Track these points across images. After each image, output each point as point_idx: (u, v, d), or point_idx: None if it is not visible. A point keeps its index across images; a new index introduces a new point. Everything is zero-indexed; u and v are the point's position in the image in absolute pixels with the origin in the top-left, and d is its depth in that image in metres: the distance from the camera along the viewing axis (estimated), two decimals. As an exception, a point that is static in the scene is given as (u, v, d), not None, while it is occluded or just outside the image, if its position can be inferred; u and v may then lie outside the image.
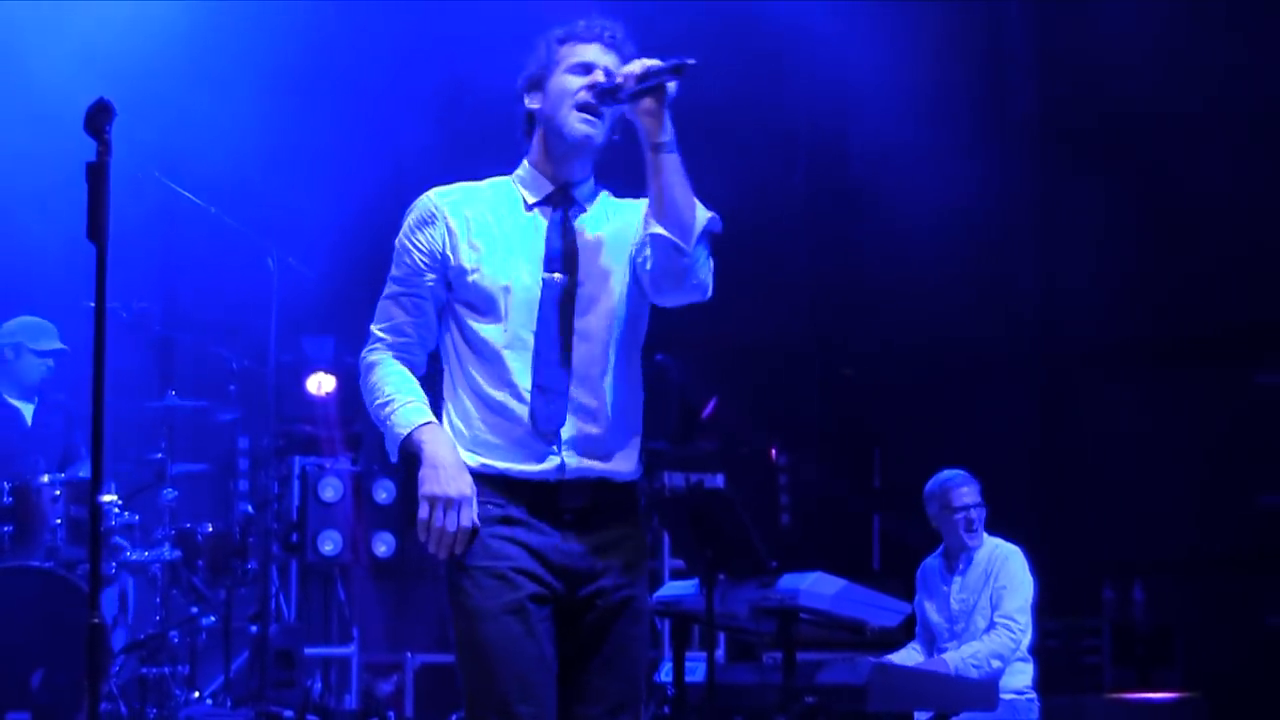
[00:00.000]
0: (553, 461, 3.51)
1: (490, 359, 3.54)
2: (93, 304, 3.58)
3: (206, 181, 7.95)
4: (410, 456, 3.52)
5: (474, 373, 3.55)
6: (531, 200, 3.64)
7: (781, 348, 10.28)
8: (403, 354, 3.63)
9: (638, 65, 3.50)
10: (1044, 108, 10.16)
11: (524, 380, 3.51)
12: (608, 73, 3.57)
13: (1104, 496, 9.53)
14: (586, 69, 3.59)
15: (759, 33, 9.66)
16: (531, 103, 3.67)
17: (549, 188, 3.64)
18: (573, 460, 3.52)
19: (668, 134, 3.49)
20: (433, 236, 3.60)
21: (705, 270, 3.54)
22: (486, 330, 3.54)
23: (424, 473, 3.45)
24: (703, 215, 3.52)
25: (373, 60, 9.35)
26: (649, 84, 3.47)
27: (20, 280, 7.94)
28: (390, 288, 3.65)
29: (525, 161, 3.71)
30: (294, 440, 8.70)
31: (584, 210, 3.66)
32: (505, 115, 3.76)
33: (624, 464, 3.59)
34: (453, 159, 8.58)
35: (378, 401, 3.58)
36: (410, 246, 3.62)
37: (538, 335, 3.52)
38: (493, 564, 3.47)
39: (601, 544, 3.55)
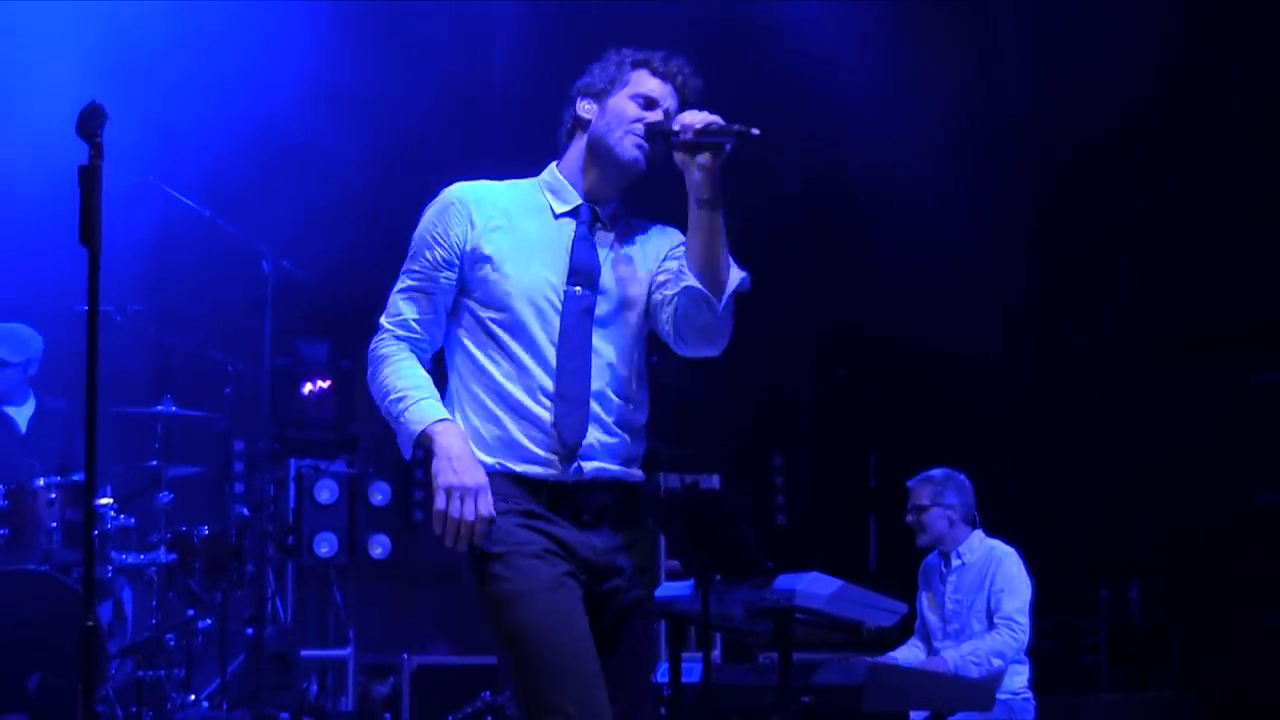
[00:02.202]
0: (571, 465, 3.49)
1: (510, 359, 3.50)
2: (85, 308, 3.57)
3: (201, 185, 7.95)
4: (424, 452, 3.44)
5: (492, 371, 3.51)
6: (560, 210, 3.62)
7: (777, 348, 10.27)
8: (413, 349, 3.57)
9: (698, 116, 3.49)
10: (1038, 109, 10.16)
11: (546, 383, 3.48)
12: (667, 114, 3.58)
13: (1099, 496, 9.53)
14: (649, 103, 3.60)
15: (752, 37, 9.67)
16: (585, 110, 3.64)
17: (577, 200, 3.63)
18: (589, 465, 3.51)
19: (715, 191, 3.49)
20: (455, 231, 3.53)
21: (729, 328, 3.57)
22: (505, 331, 3.51)
23: (438, 464, 3.38)
24: (735, 275, 3.55)
25: (368, 63, 9.34)
26: (708, 140, 3.47)
27: (12, 285, 7.92)
28: (403, 281, 3.59)
29: (554, 168, 3.69)
30: (289, 443, 8.70)
31: (607, 228, 3.64)
32: (503, 119, 3.78)
33: (636, 467, 3.61)
34: (450, 162, 8.58)
35: (390, 397, 3.51)
36: (432, 240, 3.56)
37: (559, 346, 3.50)
38: (524, 546, 3.41)
39: (618, 544, 3.56)
